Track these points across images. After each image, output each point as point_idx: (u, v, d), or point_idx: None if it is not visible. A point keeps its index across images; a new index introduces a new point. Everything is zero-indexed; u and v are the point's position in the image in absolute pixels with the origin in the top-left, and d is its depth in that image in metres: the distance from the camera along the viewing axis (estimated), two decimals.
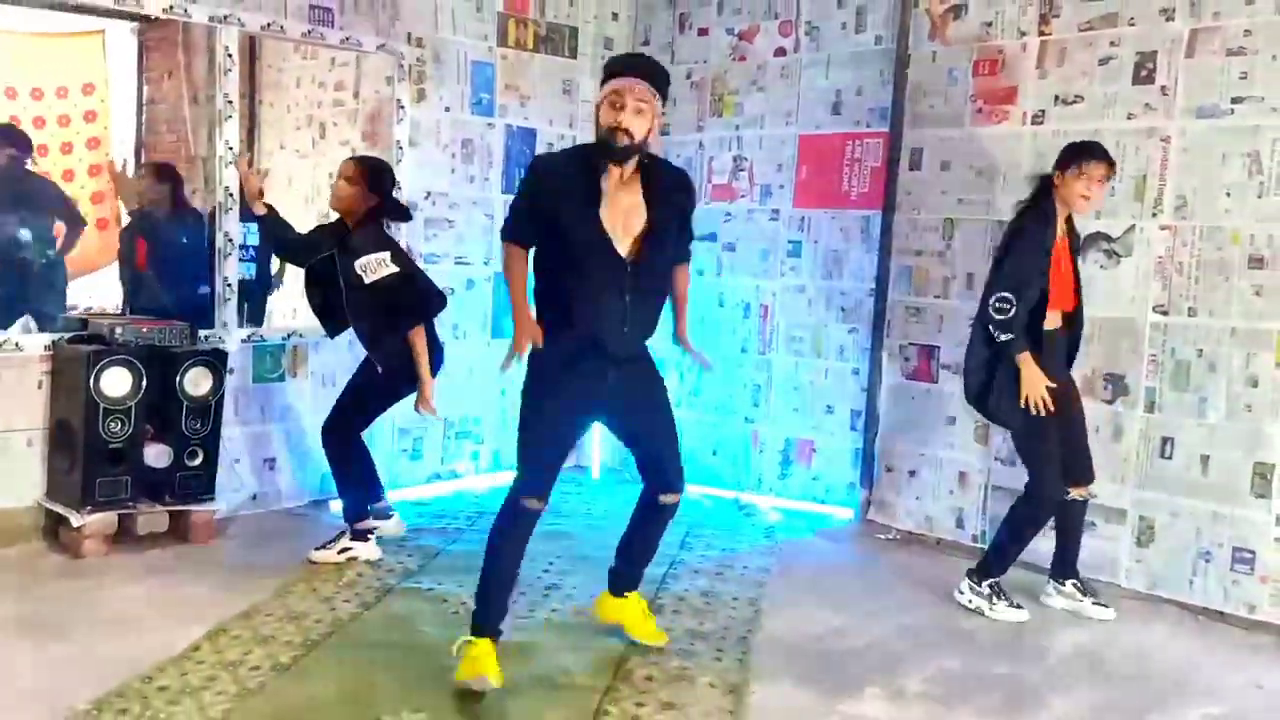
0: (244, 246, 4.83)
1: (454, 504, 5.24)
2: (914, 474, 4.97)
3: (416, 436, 5.44)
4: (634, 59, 3.35)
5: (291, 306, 5.32)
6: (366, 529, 4.30)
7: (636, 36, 5.94)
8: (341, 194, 4.13)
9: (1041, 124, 4.49)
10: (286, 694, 3.04)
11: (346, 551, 4.23)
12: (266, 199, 4.27)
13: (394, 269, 4.08)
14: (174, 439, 4.30)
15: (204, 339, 4.55)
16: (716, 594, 4.07)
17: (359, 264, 4.01)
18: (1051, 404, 3.80)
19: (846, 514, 5.17)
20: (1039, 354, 3.83)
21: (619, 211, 3.13)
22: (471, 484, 5.60)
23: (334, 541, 4.25)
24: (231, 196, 4.67)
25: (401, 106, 5.17)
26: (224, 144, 4.62)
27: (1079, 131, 4.31)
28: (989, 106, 4.66)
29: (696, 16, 5.68)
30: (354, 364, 4.52)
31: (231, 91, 4.63)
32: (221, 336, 4.65)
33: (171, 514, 4.33)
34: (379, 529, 4.40)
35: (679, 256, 3.49)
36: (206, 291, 4.75)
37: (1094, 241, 4.35)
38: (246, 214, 4.52)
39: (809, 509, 5.27)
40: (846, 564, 4.57)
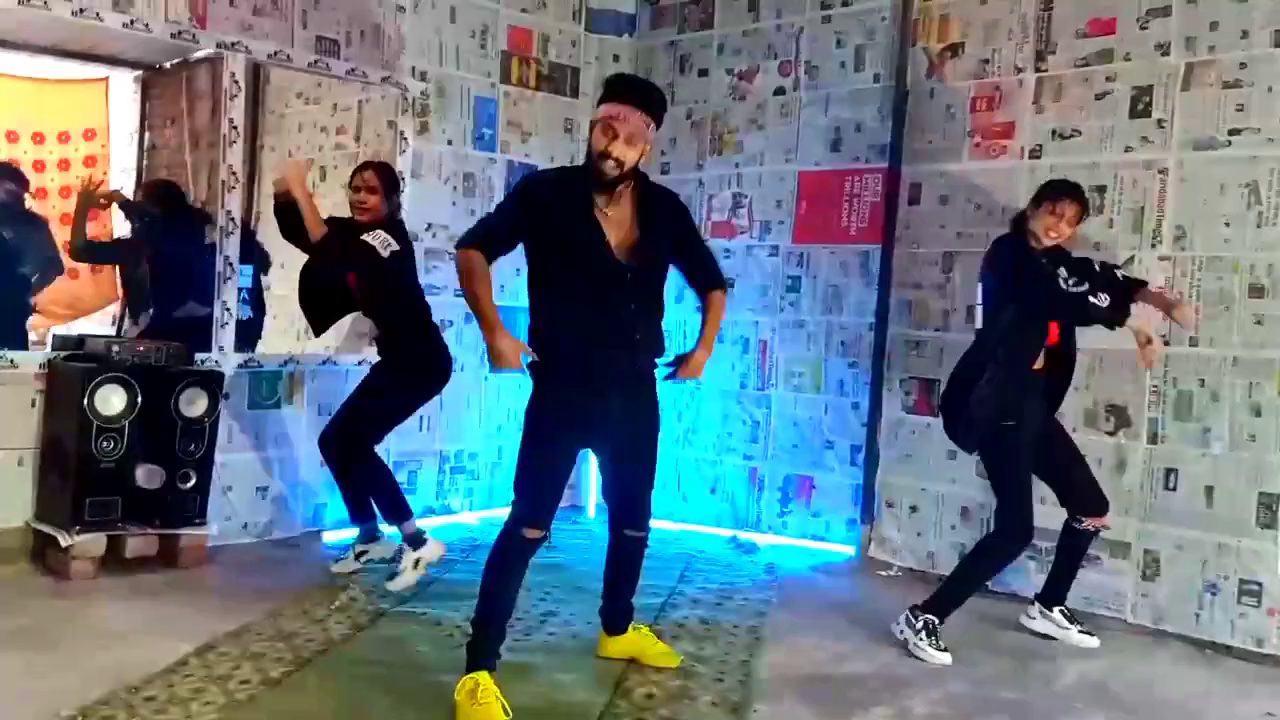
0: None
1: (448, 535, 5.12)
2: (915, 509, 4.92)
3: (411, 470, 5.37)
4: (632, 84, 3.33)
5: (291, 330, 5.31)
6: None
7: None
8: (369, 205, 4.18)
9: (1039, 158, 4.53)
10: (277, 706, 2.96)
11: (364, 554, 4.35)
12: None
13: (388, 256, 4.07)
14: (166, 461, 4.24)
15: (200, 362, 4.52)
16: (716, 622, 4.00)
17: (370, 234, 4.04)
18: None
19: (847, 551, 5.11)
20: (1026, 395, 3.79)
21: (612, 224, 3.12)
22: (465, 519, 5.53)
23: (401, 561, 4.19)
24: (233, 221, 4.67)
25: (404, 138, 5.20)
26: (226, 169, 4.63)
27: (1077, 164, 4.38)
28: (987, 141, 4.70)
29: (697, 58, 5.75)
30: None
31: (237, 117, 4.65)
32: (218, 360, 4.61)
33: (161, 538, 4.25)
34: (369, 551, 4.36)
35: (711, 283, 3.46)
36: (206, 313, 4.71)
37: None
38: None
39: (809, 546, 5.20)
40: (847, 599, 4.49)
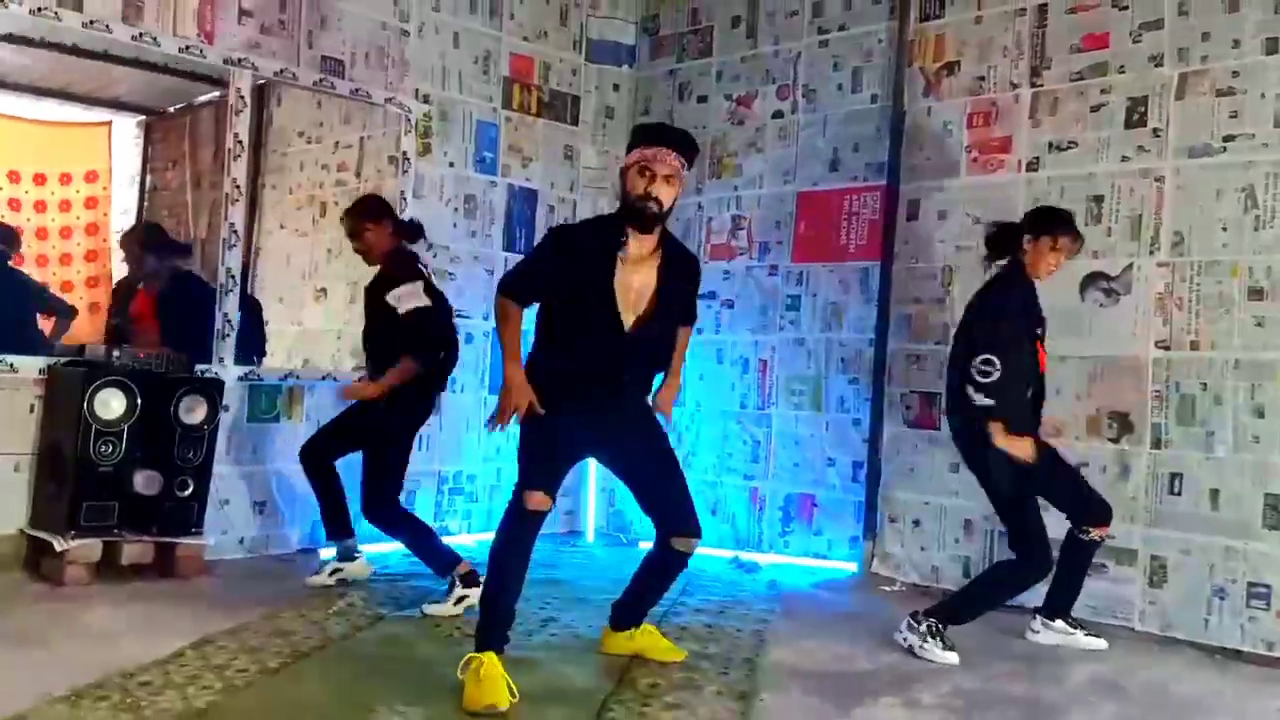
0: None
1: None
2: (918, 524, 4.88)
3: (409, 490, 5.31)
4: (664, 130, 3.43)
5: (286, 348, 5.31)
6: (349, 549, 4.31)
7: (637, 106, 6.08)
8: (369, 246, 4.21)
9: (1036, 170, 4.58)
10: (275, 692, 2.90)
11: (338, 573, 4.25)
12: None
13: (426, 302, 4.08)
14: (165, 468, 4.20)
15: (200, 373, 4.50)
16: (720, 626, 3.95)
17: (392, 295, 4.04)
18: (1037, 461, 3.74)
19: (849, 568, 5.06)
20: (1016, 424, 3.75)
21: (630, 287, 3.17)
22: (463, 540, 5.47)
23: (448, 595, 4.03)
24: (236, 234, 4.69)
25: (407, 159, 5.25)
26: (230, 181, 4.67)
27: (1074, 175, 4.44)
28: (984, 156, 4.75)
29: (696, 85, 5.83)
30: None
31: (242, 132, 4.70)
32: (218, 373, 4.60)
33: (158, 546, 4.20)
34: (345, 571, 4.30)
35: (685, 319, 3.53)
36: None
37: (1093, 281, 4.38)
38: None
39: (811, 564, 5.15)
40: (851, 611, 4.44)
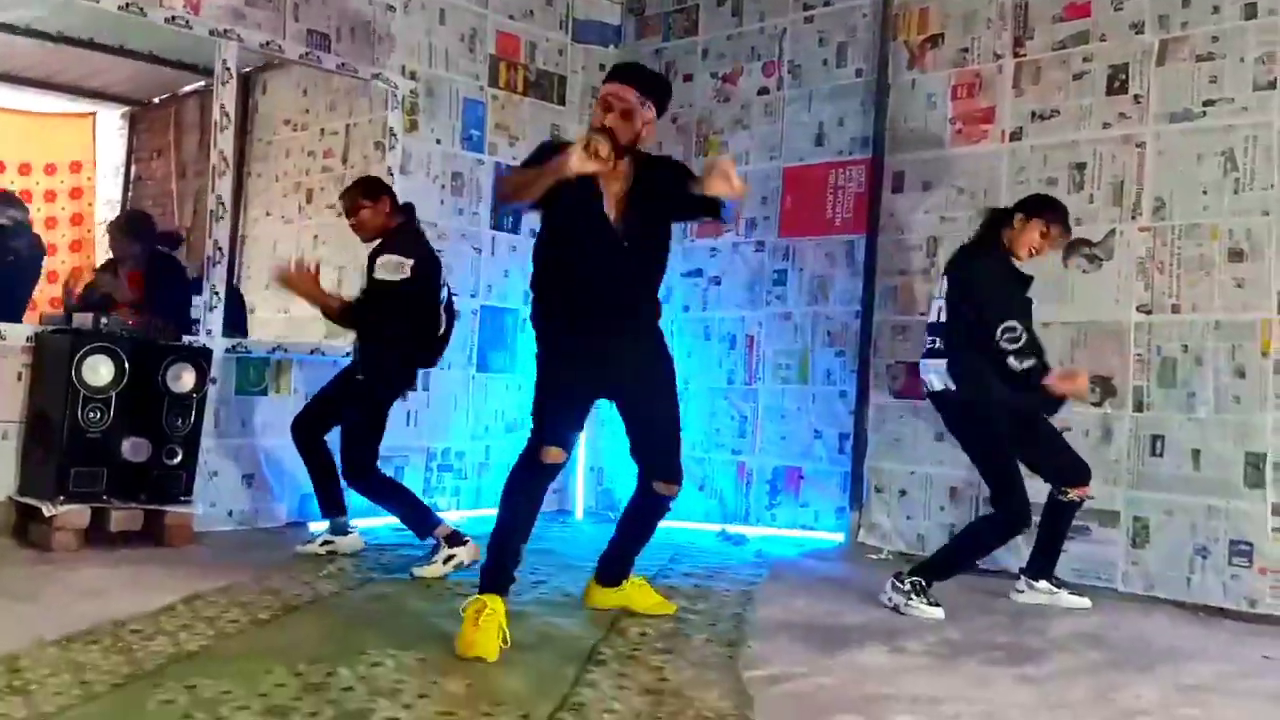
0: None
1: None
2: (904, 493, 4.91)
3: (397, 465, 5.32)
4: (628, 68, 3.47)
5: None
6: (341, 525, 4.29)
7: None
8: (363, 223, 4.18)
9: (1020, 140, 4.62)
10: (266, 637, 2.91)
11: (329, 545, 4.22)
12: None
13: (408, 276, 4.03)
14: (153, 436, 4.20)
15: (188, 343, 4.51)
16: (708, 588, 3.98)
17: (380, 260, 4.01)
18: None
19: (836, 538, 5.09)
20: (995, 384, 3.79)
21: (611, 194, 3.21)
22: (451, 517, 5.46)
23: (434, 556, 4.03)
24: (223, 206, 4.70)
25: (394, 135, 5.26)
26: (217, 154, 4.68)
27: (1057, 143, 4.49)
28: (968, 127, 4.80)
29: (682, 64, 5.86)
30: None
31: (228, 104, 4.71)
32: (206, 344, 4.60)
33: (147, 513, 4.20)
34: (336, 544, 4.28)
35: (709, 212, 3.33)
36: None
37: (1076, 248, 4.42)
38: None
39: (798, 535, 5.18)
40: (838, 577, 4.47)
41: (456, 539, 4.02)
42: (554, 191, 3.11)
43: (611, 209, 3.19)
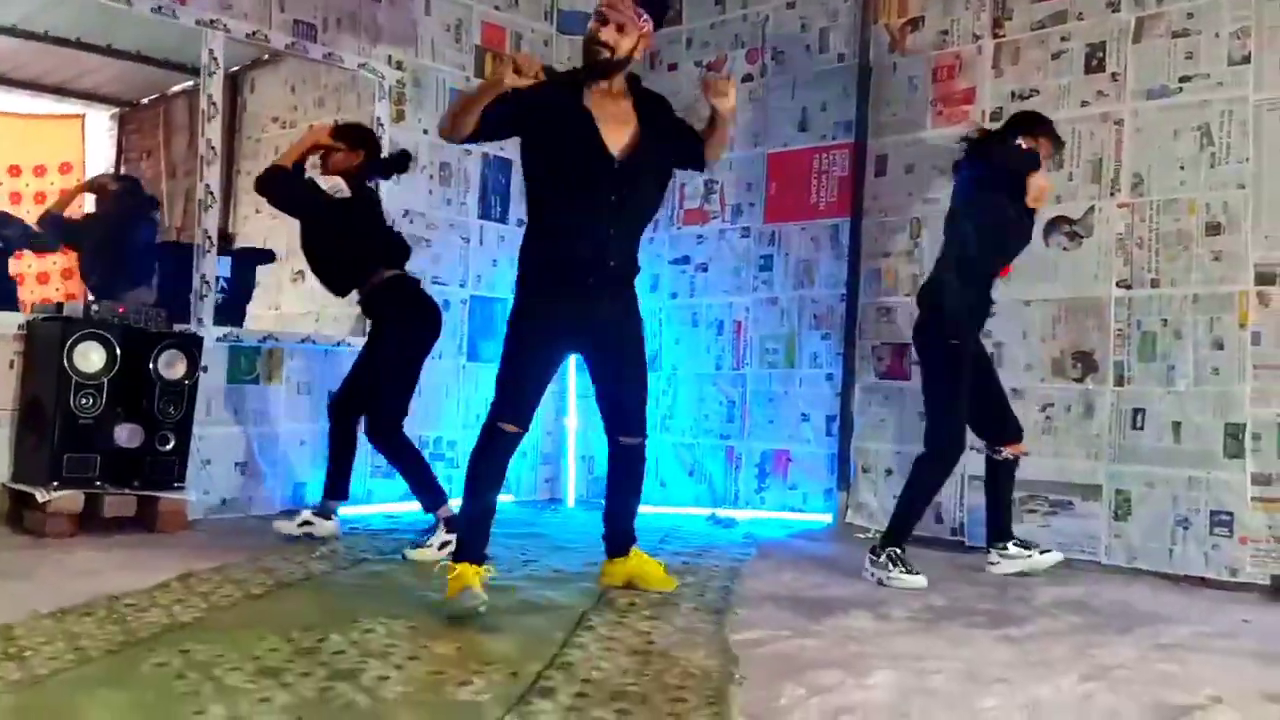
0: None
1: (428, 518, 5.14)
2: (890, 473, 4.96)
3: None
4: None
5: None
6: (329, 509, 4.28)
7: None
8: (333, 163, 4.21)
9: (1000, 119, 4.65)
10: (260, 609, 2.95)
11: (307, 526, 4.23)
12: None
13: (345, 194, 4.07)
14: (146, 423, 4.23)
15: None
16: (697, 565, 4.02)
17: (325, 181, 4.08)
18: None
19: (824, 519, 5.14)
20: (974, 314, 3.94)
21: (606, 116, 3.20)
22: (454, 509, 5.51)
23: (431, 538, 4.07)
24: (212, 195, 4.73)
25: (381, 124, 5.30)
26: (205, 143, 4.71)
27: None
28: (949, 109, 4.86)
29: (666, 53, 5.91)
30: (334, 376, 4.59)
31: (215, 94, 4.74)
32: (197, 332, 4.63)
33: (140, 500, 4.23)
34: (315, 526, 4.25)
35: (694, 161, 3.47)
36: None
37: (1056, 225, 4.48)
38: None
39: (787, 518, 5.23)
40: (825, 555, 4.51)
41: (455, 524, 4.04)
42: (539, 124, 3.13)
43: (607, 134, 3.17)
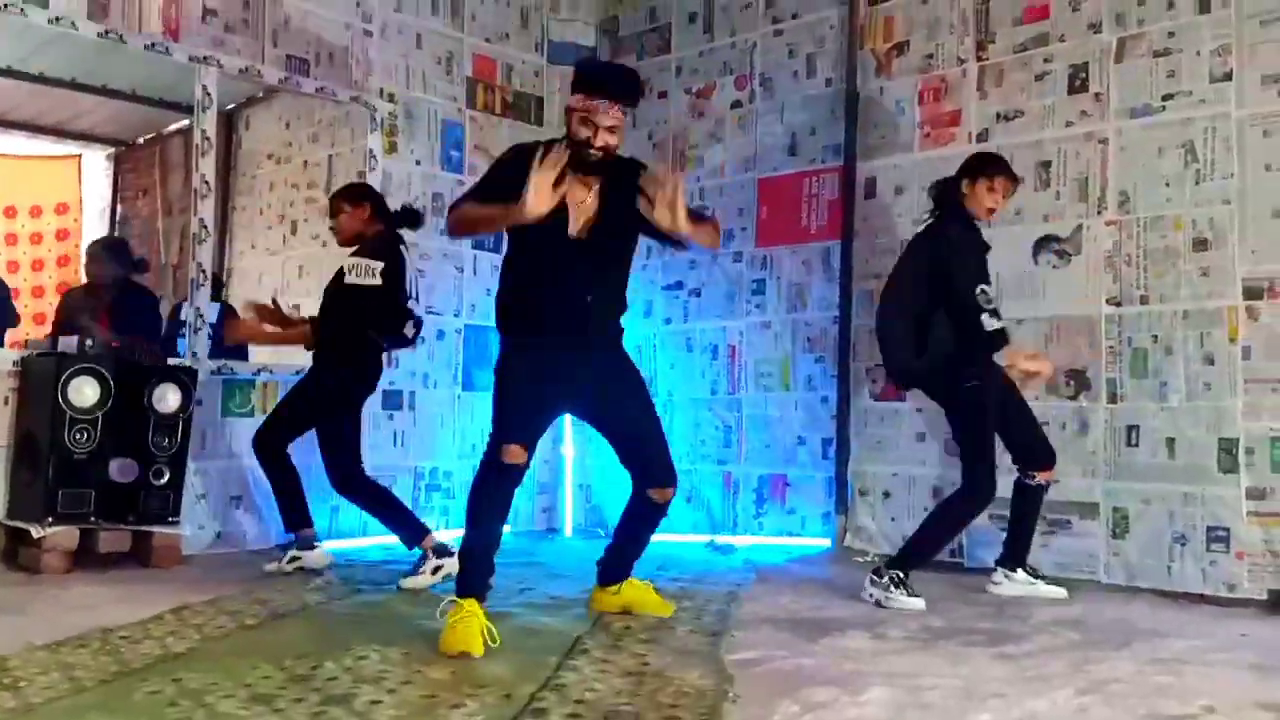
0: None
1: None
2: (888, 495, 4.96)
3: (385, 484, 5.35)
4: (608, 81, 3.24)
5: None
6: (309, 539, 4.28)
7: None
8: (340, 228, 4.27)
9: (986, 140, 4.71)
10: (254, 639, 2.94)
11: (296, 561, 4.21)
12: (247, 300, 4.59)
13: (377, 281, 4.06)
14: (140, 457, 4.23)
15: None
16: (695, 590, 4.01)
17: (348, 263, 4.07)
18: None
19: (823, 543, 5.13)
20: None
21: (576, 200, 3.16)
22: (440, 537, 5.47)
23: (422, 567, 4.08)
24: (206, 229, 4.76)
25: (373, 156, 5.34)
26: (199, 177, 4.74)
27: (1022, 143, 4.59)
28: (936, 131, 4.90)
29: (656, 81, 5.96)
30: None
31: (209, 129, 4.78)
32: (191, 365, 4.65)
33: (135, 535, 4.23)
34: (302, 559, 4.25)
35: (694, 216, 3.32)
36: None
37: (1045, 244, 4.51)
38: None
39: (785, 543, 5.22)
40: (824, 579, 4.50)
41: (444, 550, 4.05)
42: (518, 184, 3.04)
43: (576, 215, 3.15)
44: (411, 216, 4.40)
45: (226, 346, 5.12)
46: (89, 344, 4.23)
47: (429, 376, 5.55)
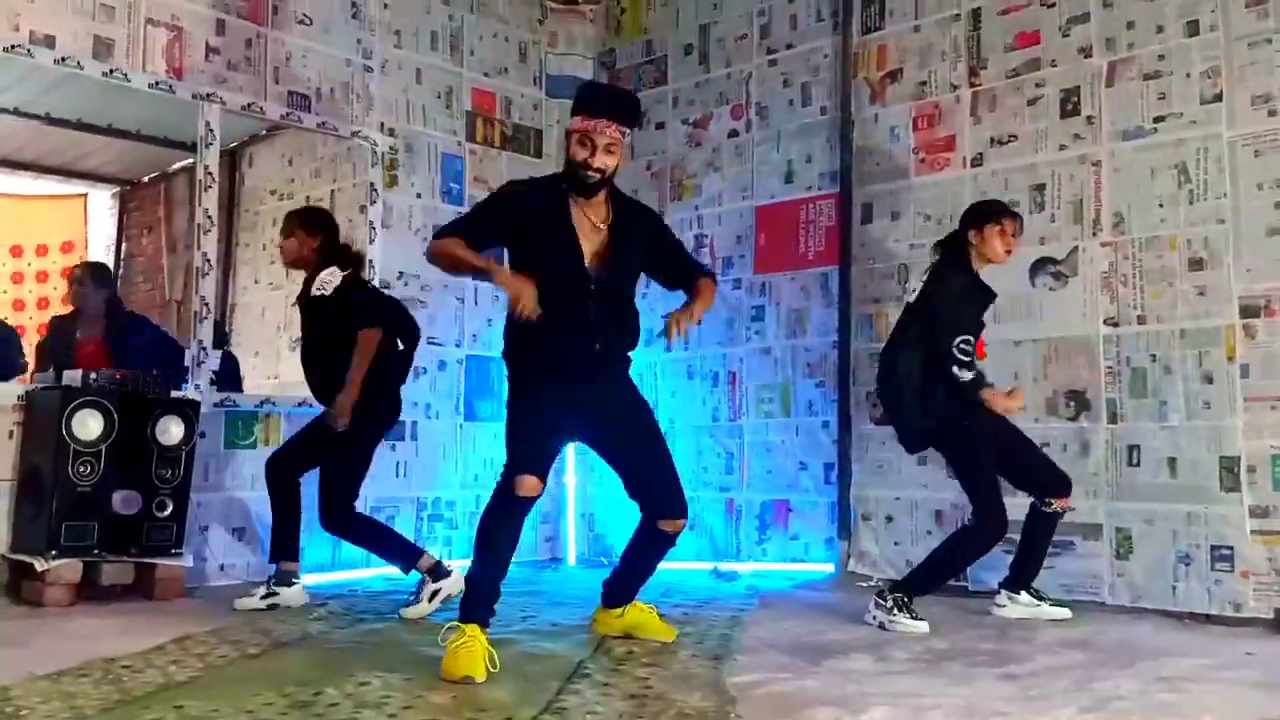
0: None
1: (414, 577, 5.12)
2: (891, 520, 4.96)
3: (388, 516, 5.37)
4: (606, 101, 3.31)
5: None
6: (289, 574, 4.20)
7: None
8: (285, 249, 4.27)
9: (980, 165, 4.76)
10: (257, 667, 2.94)
11: (272, 598, 4.12)
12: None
13: (345, 274, 4.08)
14: (144, 488, 4.24)
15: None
16: (697, 615, 4.00)
17: (316, 281, 4.07)
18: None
19: (827, 569, 5.12)
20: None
21: (586, 228, 3.24)
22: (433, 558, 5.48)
23: (420, 594, 4.04)
24: (209, 263, 4.80)
25: (375, 190, 5.38)
26: (202, 212, 4.79)
27: (1016, 167, 4.63)
28: (930, 156, 4.94)
29: (654, 112, 6.01)
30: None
31: (212, 165, 4.83)
32: (194, 397, 4.66)
33: (138, 567, 4.23)
34: (279, 595, 4.15)
35: (695, 276, 3.47)
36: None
37: (1041, 266, 4.54)
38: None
39: (789, 569, 5.21)
40: (827, 604, 4.49)
41: (440, 571, 4.05)
42: (528, 239, 3.20)
43: (587, 248, 3.21)
44: (356, 261, 4.32)
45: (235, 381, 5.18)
46: (93, 377, 4.25)
47: (431, 407, 5.56)
